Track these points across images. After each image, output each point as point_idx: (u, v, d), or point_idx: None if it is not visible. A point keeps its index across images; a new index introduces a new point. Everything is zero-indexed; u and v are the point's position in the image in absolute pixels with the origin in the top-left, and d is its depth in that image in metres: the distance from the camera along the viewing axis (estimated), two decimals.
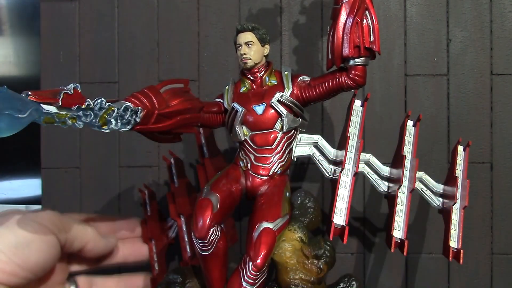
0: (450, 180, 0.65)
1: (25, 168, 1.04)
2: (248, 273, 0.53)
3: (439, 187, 0.66)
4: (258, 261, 0.52)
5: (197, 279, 0.63)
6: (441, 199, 0.66)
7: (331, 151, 0.65)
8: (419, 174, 0.65)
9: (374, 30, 0.55)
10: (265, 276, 0.55)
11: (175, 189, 0.72)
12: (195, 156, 0.85)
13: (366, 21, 0.55)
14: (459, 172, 0.65)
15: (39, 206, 0.90)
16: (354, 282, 0.61)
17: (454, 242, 0.62)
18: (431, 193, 0.66)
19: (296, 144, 0.63)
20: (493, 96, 0.82)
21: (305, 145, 0.65)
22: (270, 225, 0.54)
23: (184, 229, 0.70)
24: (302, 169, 0.85)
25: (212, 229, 0.54)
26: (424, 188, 0.66)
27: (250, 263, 0.53)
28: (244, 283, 0.53)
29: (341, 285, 0.61)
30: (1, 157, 1.04)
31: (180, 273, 0.63)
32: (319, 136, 0.65)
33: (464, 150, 0.67)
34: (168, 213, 0.75)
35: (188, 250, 0.70)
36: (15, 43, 1.04)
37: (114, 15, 0.88)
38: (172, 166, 0.74)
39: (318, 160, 0.65)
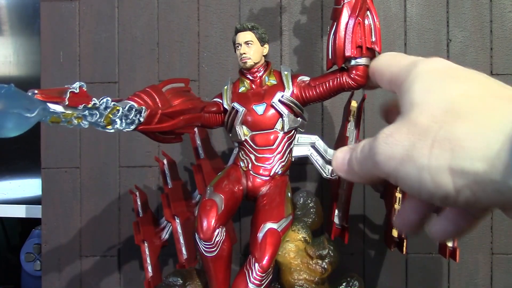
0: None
1: (25, 168, 1.04)
2: (254, 274, 0.53)
3: None
4: (264, 262, 0.52)
5: (198, 281, 0.63)
6: None
7: (328, 152, 0.65)
8: None
9: (375, 31, 0.55)
10: (270, 277, 0.55)
11: (170, 190, 0.72)
12: (189, 159, 0.85)
13: (368, 22, 0.55)
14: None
15: (39, 206, 0.90)
16: (356, 282, 0.61)
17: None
18: None
19: (294, 144, 0.63)
20: None
21: (303, 146, 0.65)
22: (274, 226, 0.54)
23: (180, 231, 0.69)
24: (301, 169, 0.85)
25: (217, 231, 0.54)
26: None
27: (256, 264, 0.52)
28: (250, 285, 0.53)
29: (344, 284, 0.61)
30: (1, 157, 1.04)
31: (180, 275, 0.63)
32: (316, 136, 0.65)
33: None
34: (160, 215, 0.75)
35: (184, 252, 0.69)
36: (15, 43, 1.03)
37: (114, 15, 0.88)
38: (165, 167, 0.74)
39: (315, 161, 0.65)
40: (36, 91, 0.39)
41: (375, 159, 0.28)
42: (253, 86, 0.61)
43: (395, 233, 0.61)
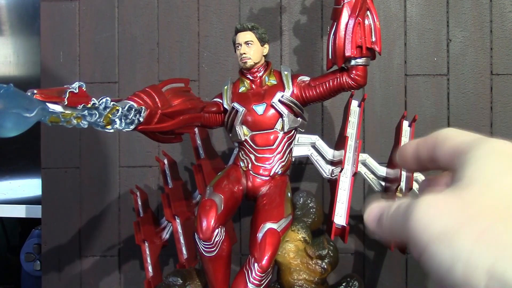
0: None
1: (25, 168, 1.04)
2: (253, 274, 0.53)
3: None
4: (264, 262, 0.52)
5: (198, 281, 0.63)
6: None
7: (329, 152, 0.65)
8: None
9: (375, 31, 0.55)
10: (270, 277, 0.55)
11: (170, 190, 0.72)
12: (190, 159, 0.85)
13: (368, 22, 0.55)
14: None
15: (39, 206, 0.90)
16: (356, 282, 0.61)
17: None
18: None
19: (294, 144, 0.63)
20: (493, 96, 0.82)
21: (303, 146, 0.65)
22: (274, 226, 0.54)
23: (180, 231, 0.69)
24: (300, 169, 0.85)
25: (216, 231, 0.54)
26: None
27: (256, 264, 0.52)
28: (249, 285, 0.53)
29: (343, 285, 0.61)
30: (1, 157, 1.04)
31: (180, 275, 0.63)
32: (317, 136, 0.65)
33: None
34: (160, 215, 0.75)
35: (185, 252, 0.69)
36: (15, 43, 1.03)
37: (114, 15, 0.88)
38: (166, 167, 0.74)
39: (316, 161, 0.65)
40: (35, 91, 0.39)
41: (408, 224, 0.25)
42: (253, 86, 0.61)
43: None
